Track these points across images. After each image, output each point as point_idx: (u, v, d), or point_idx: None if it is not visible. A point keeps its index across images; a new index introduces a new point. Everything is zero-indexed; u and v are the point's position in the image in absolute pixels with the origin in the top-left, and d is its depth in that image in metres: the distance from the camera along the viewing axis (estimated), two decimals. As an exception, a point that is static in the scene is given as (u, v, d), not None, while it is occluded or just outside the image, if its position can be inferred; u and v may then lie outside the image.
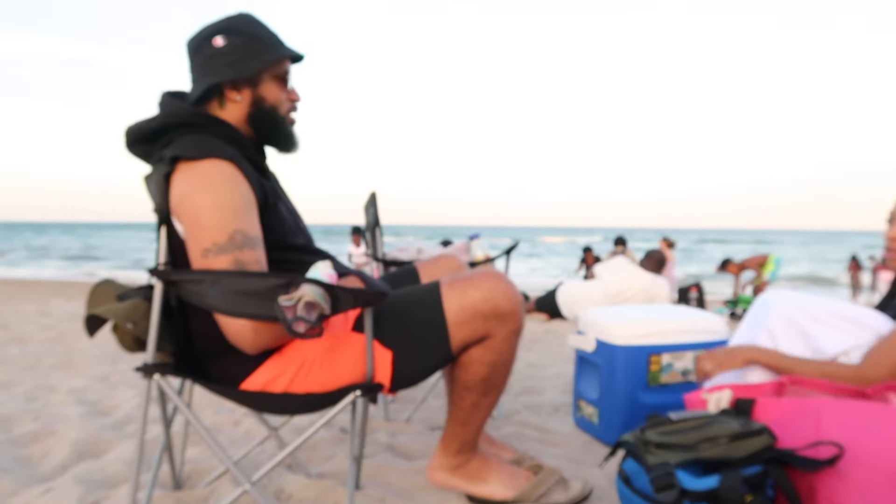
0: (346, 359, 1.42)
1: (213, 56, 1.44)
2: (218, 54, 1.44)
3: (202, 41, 1.46)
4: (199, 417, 2.44)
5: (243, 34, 1.45)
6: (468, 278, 1.49)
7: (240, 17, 1.49)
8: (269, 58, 1.46)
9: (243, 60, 1.44)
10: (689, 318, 2.29)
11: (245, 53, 1.44)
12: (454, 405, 1.59)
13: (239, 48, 1.44)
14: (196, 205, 1.31)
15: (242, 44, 1.44)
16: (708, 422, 1.39)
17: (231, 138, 1.45)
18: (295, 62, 1.56)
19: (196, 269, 1.33)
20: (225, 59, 1.44)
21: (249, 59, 1.44)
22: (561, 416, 2.61)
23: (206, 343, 1.43)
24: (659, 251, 6.79)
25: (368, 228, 2.55)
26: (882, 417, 1.33)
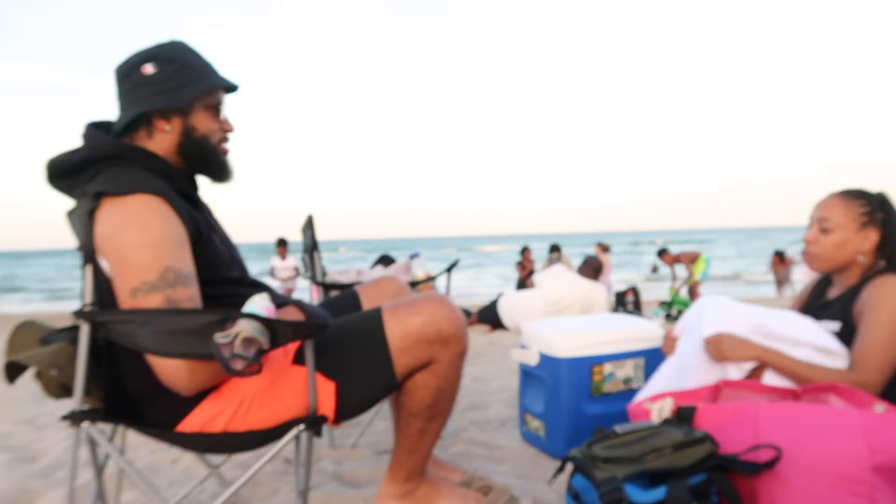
0: (287, 393, 1.38)
1: (142, 84, 1.39)
2: (147, 82, 1.38)
3: (131, 68, 1.40)
4: (134, 459, 2.33)
5: (174, 62, 1.40)
6: (410, 304, 1.47)
7: (171, 44, 1.44)
8: (201, 87, 1.42)
9: (174, 89, 1.39)
10: (628, 327, 2.33)
11: (176, 82, 1.39)
12: (400, 432, 1.57)
13: (170, 76, 1.39)
14: (123, 243, 1.25)
15: (173, 72, 1.39)
16: (652, 433, 1.41)
17: (160, 171, 1.39)
18: (229, 92, 1.52)
19: (125, 309, 1.27)
20: (155, 88, 1.38)
21: (181, 87, 1.39)
22: (508, 430, 2.61)
23: (137, 385, 1.36)
24: (596, 258, 6.95)
25: (307, 251, 2.50)
26: (817, 419, 1.39)
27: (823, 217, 1.81)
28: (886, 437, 1.33)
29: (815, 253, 1.84)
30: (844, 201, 1.82)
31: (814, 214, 1.86)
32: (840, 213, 1.80)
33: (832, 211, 1.81)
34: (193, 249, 1.35)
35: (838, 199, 1.83)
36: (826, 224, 1.81)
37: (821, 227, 1.82)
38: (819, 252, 1.83)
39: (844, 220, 1.80)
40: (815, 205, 1.88)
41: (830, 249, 1.82)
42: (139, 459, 2.34)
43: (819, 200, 1.88)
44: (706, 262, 9.40)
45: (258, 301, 1.27)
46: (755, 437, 1.41)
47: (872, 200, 1.83)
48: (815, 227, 1.84)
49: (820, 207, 1.85)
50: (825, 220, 1.81)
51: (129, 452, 2.40)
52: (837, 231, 1.81)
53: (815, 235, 1.84)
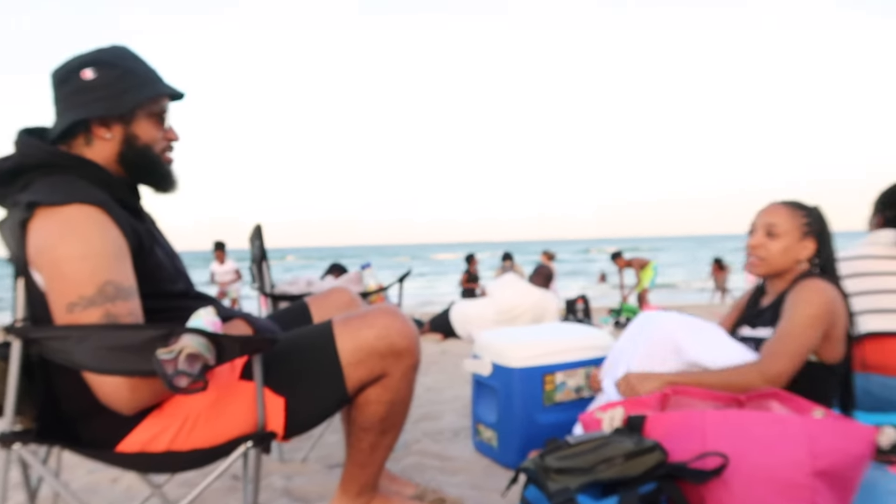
0: (234, 409, 1.34)
1: (82, 90, 1.32)
2: (87, 88, 1.32)
3: (69, 73, 1.34)
4: (70, 479, 2.23)
5: (116, 67, 1.35)
6: (361, 317, 1.45)
7: (113, 49, 1.38)
8: (145, 94, 1.36)
9: (116, 96, 1.33)
10: (579, 336, 2.36)
11: (118, 88, 1.34)
12: (352, 447, 1.54)
13: (112, 82, 1.33)
14: (59, 256, 1.19)
15: (115, 77, 1.34)
16: (604, 443, 1.43)
17: (99, 180, 1.33)
18: (174, 100, 1.47)
19: (60, 324, 1.21)
20: (95, 94, 1.32)
21: (123, 94, 1.34)
22: (461, 440, 2.60)
23: (73, 404, 1.30)
24: (546, 266, 7.03)
25: (255, 261, 2.45)
26: (760, 425, 1.42)
27: (771, 222, 1.88)
28: (826, 442, 1.38)
29: (762, 257, 1.90)
30: (789, 210, 1.89)
31: (758, 220, 1.92)
32: (786, 220, 1.88)
33: (779, 217, 1.88)
34: (135, 262, 1.30)
35: (784, 208, 1.90)
36: (774, 229, 1.87)
37: (768, 231, 1.88)
38: (765, 256, 1.89)
39: (790, 227, 1.87)
40: (758, 211, 1.94)
41: (776, 254, 1.89)
42: (76, 480, 2.24)
43: (763, 207, 1.94)
44: (654, 269, 9.71)
45: (203, 315, 1.23)
46: (703, 444, 1.43)
47: (811, 213, 1.91)
48: (761, 232, 1.90)
49: (766, 213, 1.91)
50: (773, 225, 1.87)
51: (65, 472, 2.29)
52: (783, 237, 1.88)
53: (761, 240, 1.89)
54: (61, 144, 1.36)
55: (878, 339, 2.16)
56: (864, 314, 2.19)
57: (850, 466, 1.37)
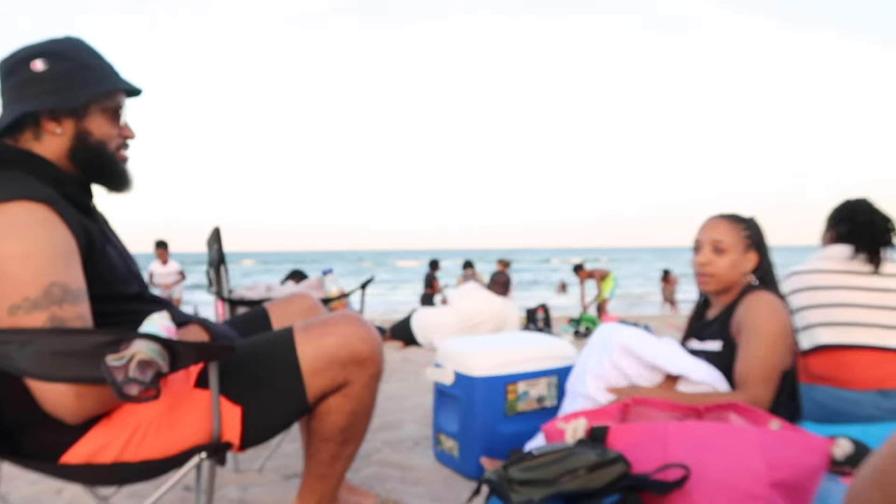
0: (188, 419, 1.28)
1: (31, 81, 1.26)
2: (37, 80, 1.26)
3: (18, 63, 1.27)
4: (9, 491, 2.12)
5: (69, 59, 1.28)
6: (323, 323, 1.41)
7: (67, 40, 1.32)
8: (99, 89, 1.30)
9: (68, 89, 1.27)
10: (541, 346, 2.35)
11: (71, 81, 1.27)
12: (311, 458, 1.50)
13: (63, 75, 1.27)
14: (1, 255, 1.12)
15: (68, 70, 1.27)
16: (567, 454, 1.41)
17: (48, 176, 1.27)
18: (131, 96, 1.41)
19: (2, 328, 1.14)
20: (45, 86, 1.26)
21: (76, 87, 1.27)
22: (421, 450, 2.57)
23: (13, 413, 1.23)
24: (503, 273, 7.05)
25: (212, 265, 2.38)
26: (720, 437, 1.43)
27: (717, 239, 1.91)
28: (783, 453, 1.39)
29: (712, 273, 1.93)
30: (731, 224, 1.94)
31: (702, 237, 1.95)
32: (730, 234, 1.92)
33: (724, 233, 1.92)
34: (85, 263, 1.24)
35: (726, 222, 1.94)
36: (721, 245, 1.91)
37: (715, 247, 1.92)
38: (715, 272, 1.93)
39: (734, 241, 1.91)
40: (700, 227, 1.98)
41: (725, 270, 1.93)
42: (16, 490, 2.13)
43: (704, 223, 1.97)
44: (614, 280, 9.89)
45: (157, 320, 1.18)
46: (664, 455, 1.44)
47: (750, 225, 1.96)
48: (708, 249, 1.93)
49: (710, 229, 1.94)
50: (719, 241, 1.91)
51: (4, 483, 2.18)
52: (730, 252, 1.92)
53: (709, 257, 1.93)
54: (7, 138, 1.29)
55: (829, 351, 2.21)
56: (816, 327, 2.24)
57: (807, 477, 1.39)
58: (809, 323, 2.26)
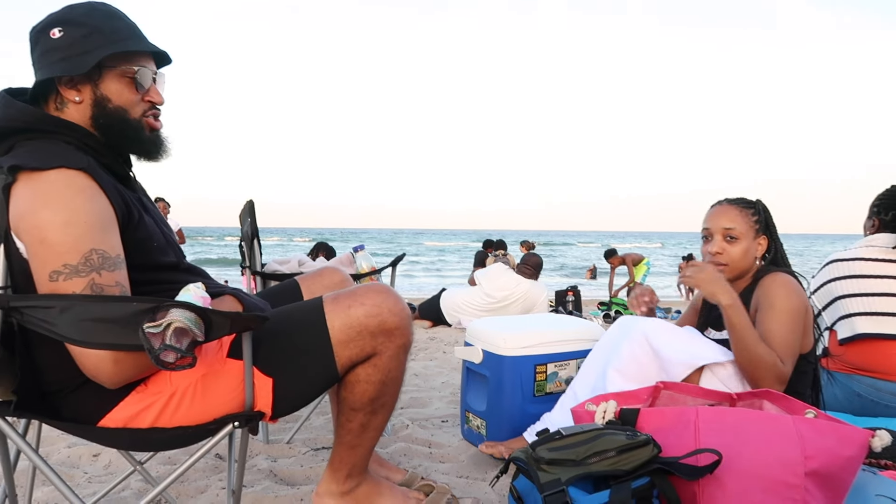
0: (221, 388, 1.30)
1: (49, 49, 1.27)
2: (54, 47, 1.26)
3: (39, 32, 1.28)
4: (50, 452, 2.19)
5: (83, 25, 1.28)
6: (352, 294, 1.41)
7: (84, 5, 1.31)
8: (106, 51, 1.28)
9: (77, 55, 1.26)
10: (571, 328, 2.33)
11: (82, 47, 1.26)
12: (341, 427, 1.51)
13: (76, 41, 1.26)
14: (42, 222, 1.14)
15: (81, 36, 1.27)
16: (596, 435, 1.40)
17: (86, 145, 1.28)
18: (160, 63, 1.41)
19: (43, 293, 1.16)
20: (60, 53, 1.26)
21: (85, 53, 1.26)
22: (449, 427, 2.58)
23: (55, 377, 1.26)
24: (535, 255, 7.00)
25: (245, 239, 2.40)
26: (754, 424, 1.41)
27: (729, 227, 1.89)
28: (819, 442, 1.36)
29: (726, 262, 1.90)
30: (740, 210, 1.90)
31: (712, 225, 1.92)
32: (741, 221, 1.89)
33: (735, 220, 1.89)
34: (123, 231, 1.25)
35: (735, 209, 1.90)
36: (732, 233, 1.89)
37: (726, 236, 1.89)
38: (729, 261, 1.90)
39: (745, 228, 1.89)
40: (708, 215, 1.94)
41: (738, 258, 1.90)
42: (56, 453, 2.20)
43: (711, 212, 1.94)
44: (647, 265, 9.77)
45: (193, 290, 1.19)
46: (695, 440, 1.42)
47: (758, 209, 1.92)
48: (720, 238, 1.90)
49: (719, 217, 1.91)
50: (731, 229, 1.89)
51: (44, 445, 2.26)
52: (742, 239, 1.89)
53: (722, 246, 1.90)
54: (38, 107, 1.31)
55: (869, 341, 2.15)
56: (857, 316, 2.19)
57: (842, 468, 1.36)
58: (850, 312, 2.21)
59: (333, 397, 1.82)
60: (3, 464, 1.33)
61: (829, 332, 2.29)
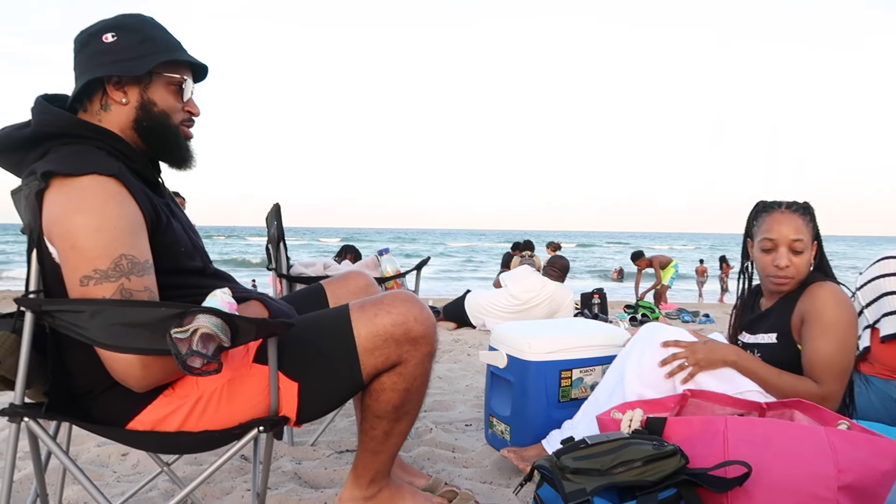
0: (247, 393, 1.31)
1: (101, 52, 1.31)
2: (106, 51, 1.31)
3: (90, 36, 1.33)
4: (79, 452, 2.22)
5: (137, 32, 1.34)
6: (378, 302, 1.42)
7: (136, 16, 1.37)
8: (161, 58, 1.34)
9: (133, 59, 1.31)
10: (597, 333, 2.31)
11: (136, 52, 1.32)
12: (365, 434, 1.51)
13: (130, 46, 1.32)
14: (74, 227, 1.16)
15: (135, 42, 1.32)
16: (622, 445, 1.38)
17: (116, 150, 1.31)
18: (197, 75, 1.45)
19: (74, 298, 1.18)
20: (113, 56, 1.31)
21: (140, 57, 1.32)
22: (473, 432, 2.57)
23: (85, 380, 1.28)
24: (562, 258, 6.95)
25: (272, 242, 2.42)
26: (785, 435, 1.37)
27: (796, 238, 1.80)
28: (852, 455, 1.33)
29: (793, 276, 1.82)
30: (802, 219, 1.81)
31: (778, 237, 1.81)
32: (805, 232, 1.81)
33: (801, 231, 1.80)
34: (152, 236, 1.27)
35: (798, 218, 1.82)
36: (799, 245, 1.80)
37: (793, 248, 1.80)
38: (796, 274, 1.82)
39: (808, 239, 1.81)
40: (770, 225, 1.83)
41: (804, 270, 1.83)
42: (85, 452, 2.24)
43: (771, 220, 1.83)
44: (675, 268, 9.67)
45: (219, 296, 1.20)
46: (724, 451, 1.39)
47: (811, 214, 1.85)
48: (786, 251, 1.81)
49: (785, 228, 1.81)
50: (799, 241, 1.80)
51: (74, 444, 2.30)
52: (807, 250, 1.82)
53: (790, 259, 1.81)
54: (80, 109, 1.35)
55: None
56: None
57: (877, 483, 1.33)
58: (888, 310, 2.14)
59: (357, 402, 1.83)
60: (34, 464, 1.36)
61: (870, 331, 2.21)
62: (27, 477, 1.95)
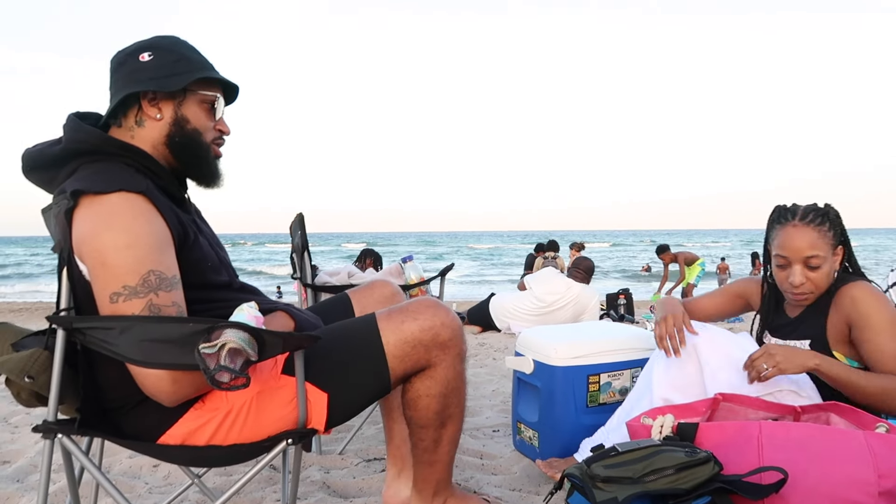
0: (276, 405, 1.32)
1: (137, 70, 1.34)
2: (143, 68, 1.34)
3: (127, 56, 1.37)
4: (112, 463, 2.26)
5: (172, 52, 1.38)
6: (404, 309, 1.42)
7: (172, 37, 1.42)
8: (196, 75, 1.37)
9: (168, 76, 1.35)
10: (624, 336, 2.28)
11: (172, 70, 1.35)
12: (415, 447, 1.52)
13: (166, 64, 1.36)
14: (103, 245, 1.18)
15: (171, 61, 1.36)
16: (653, 452, 1.36)
17: (145, 168, 1.33)
18: (228, 95, 1.47)
19: (104, 314, 1.20)
20: (150, 73, 1.34)
21: (176, 75, 1.35)
22: (500, 438, 2.56)
23: (116, 395, 1.30)
24: (586, 259, 6.90)
25: (296, 251, 2.43)
26: (823, 440, 1.34)
27: (812, 255, 1.73)
28: (893, 460, 1.29)
29: (811, 292, 1.77)
30: (818, 231, 1.74)
31: (791, 254, 1.75)
32: (822, 245, 1.73)
33: (816, 246, 1.73)
34: (179, 252, 1.29)
35: (813, 231, 1.74)
36: (815, 261, 1.73)
37: (809, 265, 1.74)
38: (815, 290, 1.76)
39: (826, 249, 1.74)
40: (782, 241, 1.76)
41: (823, 283, 1.76)
42: (118, 464, 2.27)
43: (784, 235, 1.76)
44: (701, 266, 9.52)
45: (246, 310, 1.21)
46: (758, 457, 1.36)
47: (832, 219, 1.77)
48: (801, 268, 1.75)
49: (798, 244, 1.74)
50: (815, 257, 1.73)
51: (107, 456, 2.33)
52: (825, 263, 1.75)
53: (805, 275, 1.75)
54: (113, 125, 1.37)
55: None
56: None
57: (920, 488, 1.29)
58: None
59: (384, 409, 1.83)
60: (68, 479, 1.38)
61: None
62: (61, 490, 1.98)
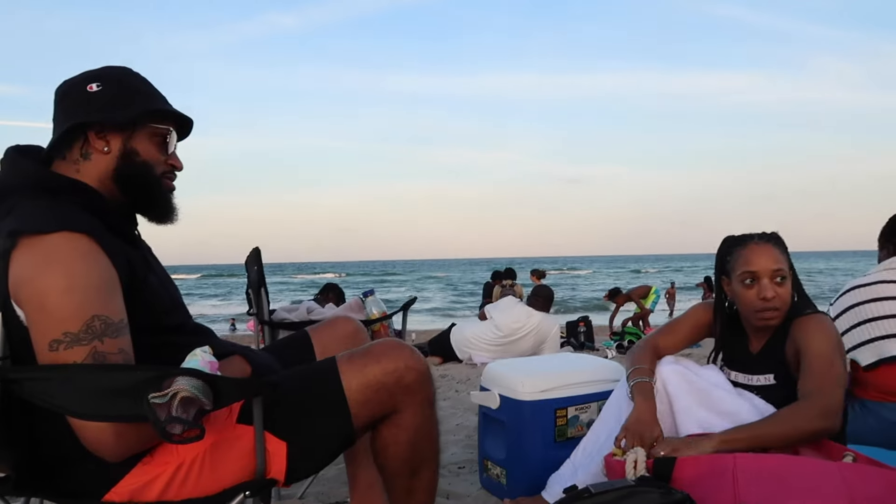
0: (231, 456, 1.23)
1: (84, 101, 1.26)
2: (90, 99, 1.26)
3: (72, 86, 1.29)
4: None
5: (121, 83, 1.31)
6: (366, 352, 1.36)
7: (121, 68, 1.35)
8: (146, 108, 1.30)
9: (117, 108, 1.27)
10: (591, 368, 2.26)
11: (121, 101, 1.28)
12: (390, 494, 1.45)
13: (116, 95, 1.28)
14: (42, 288, 1.09)
15: (120, 93, 1.29)
16: (628, 494, 1.33)
17: (91, 205, 1.24)
18: (181, 130, 1.40)
19: (43, 363, 1.11)
20: (97, 104, 1.26)
21: (126, 106, 1.28)
22: (466, 475, 2.49)
23: (56, 450, 1.19)
24: (546, 287, 6.92)
25: (252, 287, 2.35)
26: (796, 471, 1.33)
27: (777, 268, 1.72)
28: (867, 491, 1.29)
29: (780, 307, 1.74)
30: (777, 249, 1.75)
31: (758, 269, 1.72)
32: (784, 260, 1.74)
33: (780, 259, 1.73)
34: (128, 293, 1.20)
35: (775, 248, 1.75)
36: (782, 273, 1.73)
37: (776, 278, 1.72)
38: (782, 306, 1.73)
39: (787, 265, 1.75)
40: (749, 258, 1.75)
41: (788, 299, 1.74)
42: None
43: (749, 251, 1.75)
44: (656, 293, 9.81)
45: (200, 355, 1.13)
46: (734, 491, 1.34)
47: (783, 243, 1.79)
48: (769, 282, 1.72)
49: (764, 258, 1.73)
50: (781, 271, 1.72)
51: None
52: (788, 278, 1.75)
53: (775, 289, 1.72)
54: (57, 158, 1.29)
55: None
56: (886, 339, 2.12)
57: (893, 518, 1.28)
58: (876, 335, 2.14)
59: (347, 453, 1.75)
60: (2, 543, 1.26)
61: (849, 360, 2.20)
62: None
